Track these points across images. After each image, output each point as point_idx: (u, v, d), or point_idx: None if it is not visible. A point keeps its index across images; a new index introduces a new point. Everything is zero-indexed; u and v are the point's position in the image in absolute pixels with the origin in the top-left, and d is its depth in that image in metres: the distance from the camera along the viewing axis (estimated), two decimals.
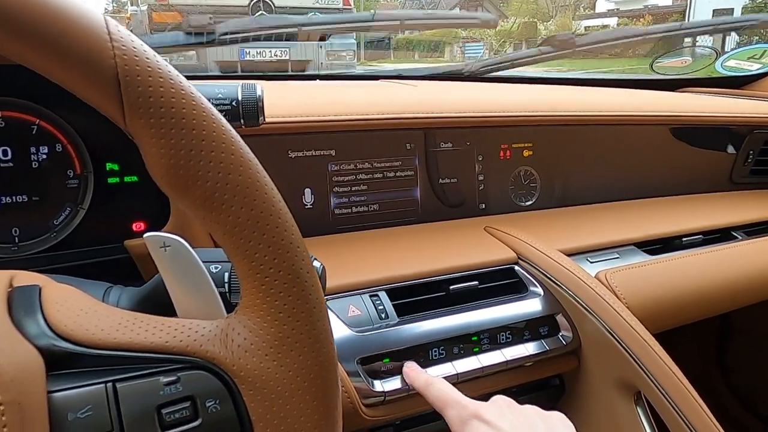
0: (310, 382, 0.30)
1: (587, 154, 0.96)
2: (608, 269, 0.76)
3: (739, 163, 1.09)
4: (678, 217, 0.94)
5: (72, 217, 0.58)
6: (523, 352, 0.67)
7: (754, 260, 0.89)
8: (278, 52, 5.54)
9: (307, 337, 0.30)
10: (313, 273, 0.31)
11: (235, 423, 0.29)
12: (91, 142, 0.59)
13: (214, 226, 0.29)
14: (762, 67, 1.22)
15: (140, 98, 0.27)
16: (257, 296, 0.30)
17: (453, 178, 0.86)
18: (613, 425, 0.71)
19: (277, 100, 0.73)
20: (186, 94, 0.28)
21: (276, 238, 0.29)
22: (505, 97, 0.96)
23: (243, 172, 0.29)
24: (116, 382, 0.28)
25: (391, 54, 10.97)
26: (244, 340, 0.30)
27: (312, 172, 0.76)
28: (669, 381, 0.64)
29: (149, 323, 0.30)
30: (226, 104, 0.52)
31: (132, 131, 0.28)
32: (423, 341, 0.62)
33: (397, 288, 0.67)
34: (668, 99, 1.08)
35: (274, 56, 5.55)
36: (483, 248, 0.76)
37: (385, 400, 0.59)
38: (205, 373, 0.29)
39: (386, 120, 0.76)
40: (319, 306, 0.30)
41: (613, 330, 0.67)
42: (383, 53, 7.32)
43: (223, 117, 0.29)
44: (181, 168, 0.28)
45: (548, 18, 14.84)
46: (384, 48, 5.89)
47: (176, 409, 0.28)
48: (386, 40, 5.41)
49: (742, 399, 1.40)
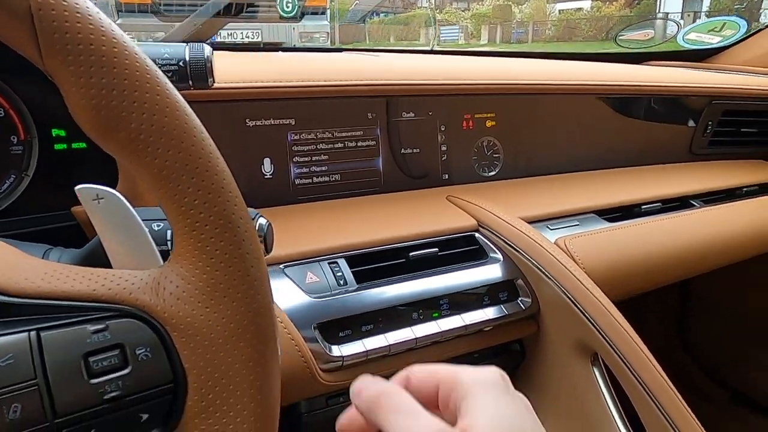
0: (243, 328, 0.29)
1: (550, 125, 0.96)
2: (568, 236, 0.77)
3: (698, 135, 1.11)
4: (638, 186, 0.95)
5: (16, 185, 0.57)
6: (482, 317, 0.67)
7: (711, 227, 0.91)
8: (250, 34, 5.45)
9: (240, 283, 0.29)
10: (247, 218, 0.30)
11: (167, 371, 0.29)
12: (35, 107, 0.57)
13: (141, 170, 0.28)
14: (722, 40, 1.23)
15: (56, 34, 0.26)
16: (188, 243, 0.29)
17: (415, 149, 0.85)
18: (571, 387, 0.72)
19: (235, 68, 0.72)
20: (107, 31, 0.27)
21: (206, 181, 0.29)
22: (467, 66, 0.95)
23: (170, 113, 0.28)
24: (40, 331, 0.27)
25: (366, 37, 10.89)
26: (176, 288, 0.29)
27: (271, 142, 0.75)
28: (624, 342, 0.65)
29: (78, 273, 0.29)
30: (173, 64, 0.51)
31: (50, 70, 0.27)
32: (381, 306, 0.62)
33: (356, 255, 0.66)
34: (629, 70, 1.09)
35: (245, 38, 5.45)
36: (444, 216, 0.76)
37: (343, 365, 0.59)
38: (135, 321, 0.29)
39: (346, 86, 0.75)
40: (252, 252, 0.30)
41: (571, 293, 0.68)
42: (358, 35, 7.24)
43: (147, 57, 0.28)
44: (103, 108, 0.27)
45: (523, 1, 14.84)
46: (359, 31, 5.84)
47: (104, 357, 0.28)
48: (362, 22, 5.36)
49: (705, 368, 1.44)
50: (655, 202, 0.91)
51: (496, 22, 14.12)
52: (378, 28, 10.54)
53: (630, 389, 0.65)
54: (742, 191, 1.03)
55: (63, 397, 0.27)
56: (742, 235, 0.94)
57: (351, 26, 4.72)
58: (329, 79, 0.74)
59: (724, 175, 1.06)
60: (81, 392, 0.27)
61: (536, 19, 14.47)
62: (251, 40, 5.61)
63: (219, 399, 0.29)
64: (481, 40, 13.49)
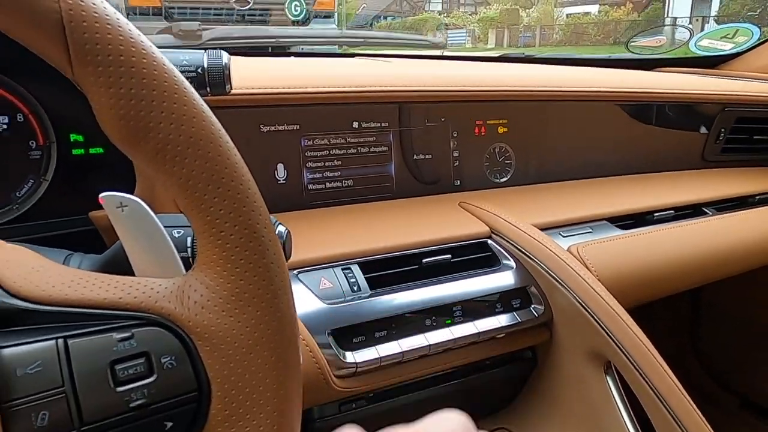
0: (268, 336, 0.29)
1: (562, 132, 0.96)
2: (580, 243, 0.77)
3: (711, 142, 1.11)
4: (650, 193, 0.95)
5: (35, 189, 0.57)
6: (495, 324, 0.67)
7: (724, 236, 0.91)
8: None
9: (264, 292, 0.29)
10: (270, 228, 0.30)
11: (191, 379, 0.29)
12: (54, 112, 0.58)
13: (167, 180, 0.29)
14: (735, 47, 1.23)
15: (87, 44, 0.26)
16: (213, 252, 0.29)
17: (428, 155, 0.85)
18: (584, 395, 0.72)
19: (250, 73, 0.72)
20: (136, 42, 0.27)
21: (232, 191, 0.29)
22: (480, 72, 0.96)
23: (196, 123, 0.28)
24: (68, 338, 0.27)
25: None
26: (201, 297, 0.29)
27: (284, 147, 0.75)
28: (637, 350, 0.65)
29: (103, 281, 0.30)
30: (192, 71, 0.51)
31: (79, 80, 0.27)
32: (395, 313, 0.62)
33: (369, 261, 0.66)
34: (642, 77, 1.08)
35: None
36: (457, 223, 0.76)
37: (357, 371, 0.59)
38: (161, 330, 0.29)
39: (360, 93, 0.76)
40: (276, 261, 0.30)
41: (584, 301, 0.68)
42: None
43: (174, 67, 0.28)
44: (132, 119, 0.27)
45: (530, 5, 14.84)
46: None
47: (130, 365, 0.28)
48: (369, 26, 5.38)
49: (714, 374, 1.43)
50: (668, 209, 0.90)
51: (503, 26, 14.11)
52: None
53: (644, 398, 0.64)
54: (755, 199, 1.02)
55: (90, 405, 0.27)
56: (755, 244, 0.94)
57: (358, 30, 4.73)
58: (343, 86, 0.75)
59: (737, 182, 1.06)
60: (107, 400, 0.27)
61: (543, 23, 14.46)
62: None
63: (242, 407, 0.29)
64: (488, 44, 13.49)
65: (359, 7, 6.96)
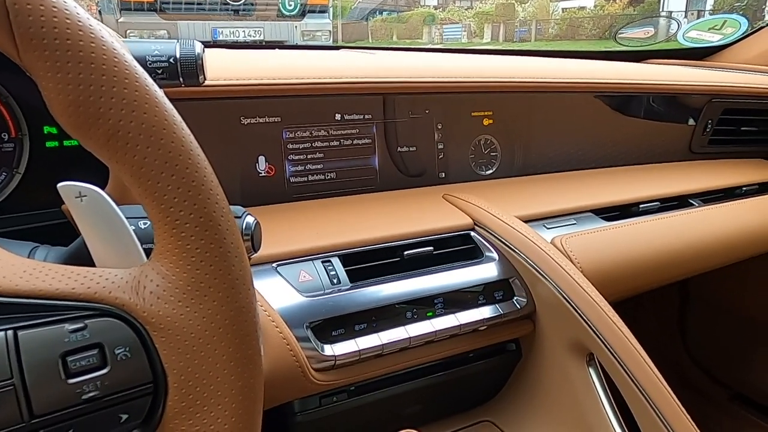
0: (225, 327, 0.29)
1: (548, 123, 0.96)
2: (564, 235, 0.76)
3: (698, 133, 1.10)
4: (636, 185, 0.95)
5: (7, 182, 0.56)
6: (477, 316, 0.67)
7: (711, 227, 0.91)
8: (252, 32, 5.45)
9: (221, 282, 0.29)
10: (228, 216, 0.30)
11: (146, 371, 0.28)
12: (26, 104, 0.57)
13: (121, 168, 0.28)
14: (723, 38, 1.23)
15: (31, 28, 0.25)
16: (169, 241, 0.29)
17: (412, 147, 0.85)
18: (567, 387, 0.72)
19: (230, 65, 0.71)
20: (84, 26, 0.26)
21: (186, 178, 0.28)
22: (465, 64, 0.95)
23: (149, 109, 0.27)
24: (17, 330, 0.27)
25: (369, 36, 10.88)
26: (157, 287, 0.29)
27: (266, 140, 0.75)
28: (619, 342, 0.64)
29: (57, 271, 0.29)
30: (164, 61, 0.51)
31: (27, 65, 0.26)
32: (375, 305, 0.62)
33: (350, 254, 0.66)
34: (628, 68, 1.08)
35: (248, 36, 5.45)
36: (439, 215, 0.76)
37: (336, 364, 0.59)
38: (115, 320, 0.28)
39: (342, 84, 0.75)
40: (235, 250, 0.30)
41: (566, 293, 0.67)
42: (360, 33, 7.25)
43: (127, 53, 0.28)
44: (81, 105, 0.26)
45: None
46: (361, 29, 5.86)
47: (82, 356, 0.27)
48: (364, 20, 5.36)
49: (703, 367, 1.44)
50: (654, 201, 0.90)
51: (499, 20, 14.09)
52: (381, 27, 10.54)
53: (625, 389, 0.64)
54: (742, 190, 1.02)
55: (40, 398, 0.26)
56: (742, 235, 0.93)
57: (354, 24, 4.72)
58: (324, 77, 0.74)
59: (724, 174, 1.06)
60: (58, 392, 0.27)
61: (539, 18, 14.44)
62: (253, 39, 5.60)
63: (200, 399, 0.29)
64: (484, 39, 13.47)
65: (355, 2, 6.92)
